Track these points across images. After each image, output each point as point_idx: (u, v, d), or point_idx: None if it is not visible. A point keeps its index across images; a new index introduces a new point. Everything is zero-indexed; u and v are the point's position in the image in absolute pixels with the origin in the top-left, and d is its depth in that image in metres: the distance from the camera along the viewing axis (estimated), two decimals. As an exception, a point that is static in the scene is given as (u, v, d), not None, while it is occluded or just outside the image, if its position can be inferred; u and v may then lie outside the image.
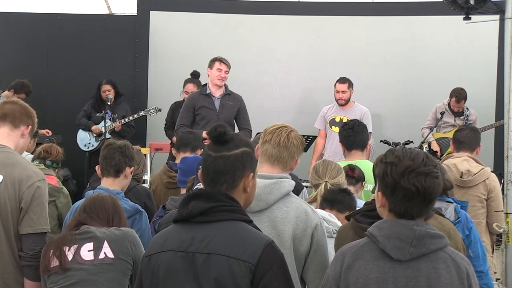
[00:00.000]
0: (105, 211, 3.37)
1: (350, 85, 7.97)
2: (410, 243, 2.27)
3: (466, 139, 5.35)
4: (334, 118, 7.96)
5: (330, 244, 3.53)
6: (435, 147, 8.41)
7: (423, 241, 2.28)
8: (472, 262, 4.00)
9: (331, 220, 3.62)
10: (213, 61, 6.98)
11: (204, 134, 6.59)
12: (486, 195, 5.22)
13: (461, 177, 5.22)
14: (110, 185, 3.82)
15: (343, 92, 7.93)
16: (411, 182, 2.30)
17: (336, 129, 7.84)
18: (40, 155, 5.41)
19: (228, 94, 6.99)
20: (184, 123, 6.91)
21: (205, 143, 5.68)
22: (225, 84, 7.03)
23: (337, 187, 3.88)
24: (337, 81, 8.02)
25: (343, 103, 7.93)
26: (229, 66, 6.98)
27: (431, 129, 8.52)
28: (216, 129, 2.38)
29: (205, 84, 7.05)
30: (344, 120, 7.76)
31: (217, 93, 6.95)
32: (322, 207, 3.77)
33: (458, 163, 5.28)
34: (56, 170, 5.51)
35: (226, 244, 2.24)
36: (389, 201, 2.35)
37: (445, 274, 2.27)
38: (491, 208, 5.22)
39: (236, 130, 7.01)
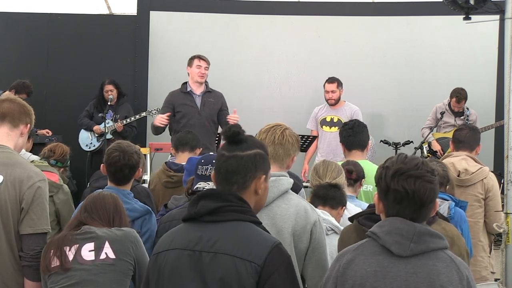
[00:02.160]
0: (105, 211, 3.36)
1: (339, 84, 7.97)
2: (410, 239, 2.28)
3: (466, 138, 5.34)
4: (325, 118, 7.96)
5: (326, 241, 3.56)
6: (436, 146, 8.41)
7: (423, 238, 2.30)
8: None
9: (325, 218, 3.62)
10: (191, 59, 6.96)
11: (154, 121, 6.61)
12: (484, 194, 5.20)
13: (458, 176, 5.20)
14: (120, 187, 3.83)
15: (332, 91, 7.93)
16: (400, 184, 2.32)
17: (327, 129, 7.85)
18: (45, 154, 5.41)
19: (209, 92, 6.98)
20: None
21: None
22: (205, 82, 7.01)
23: (326, 183, 3.86)
24: (326, 81, 8.03)
25: (333, 102, 7.94)
26: (208, 63, 6.95)
27: (431, 129, 8.52)
28: (231, 129, 2.38)
29: (185, 83, 7.03)
30: (335, 120, 7.79)
31: (198, 90, 6.94)
32: (314, 204, 3.75)
33: (456, 162, 5.27)
34: (61, 170, 5.47)
35: (232, 244, 2.24)
36: (384, 204, 2.38)
37: (445, 272, 2.28)
38: (489, 208, 5.20)
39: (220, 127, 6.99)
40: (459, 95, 8.25)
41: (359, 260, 2.33)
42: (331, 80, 7.99)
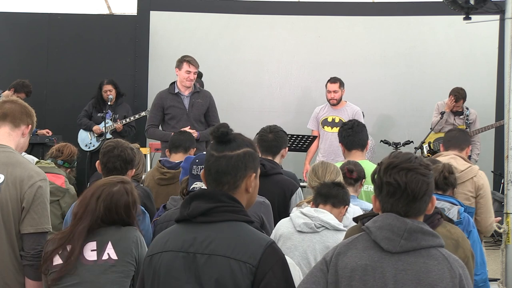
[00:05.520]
0: (115, 207, 3.33)
1: (341, 84, 7.96)
2: (401, 235, 2.29)
3: (454, 138, 5.32)
4: (327, 118, 7.96)
5: (314, 239, 3.58)
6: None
7: (414, 235, 2.30)
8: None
9: (314, 216, 3.63)
10: (181, 61, 6.91)
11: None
12: (474, 192, 5.17)
13: None
14: None
15: (334, 91, 7.92)
16: (392, 177, 2.33)
17: (328, 129, 7.85)
18: (53, 154, 5.43)
19: (197, 92, 6.98)
20: (154, 123, 6.90)
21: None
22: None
23: (330, 182, 3.85)
24: (328, 81, 8.02)
25: (335, 102, 7.93)
26: (197, 67, 6.94)
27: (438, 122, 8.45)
28: (219, 129, 2.35)
29: (173, 83, 7.03)
30: (336, 120, 7.78)
31: (186, 91, 6.93)
32: (316, 202, 3.77)
33: (445, 161, 5.27)
34: (68, 170, 5.49)
35: (227, 245, 2.24)
36: (379, 200, 2.39)
37: (436, 270, 2.27)
38: (480, 205, 5.15)
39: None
40: (457, 94, 8.24)
41: (351, 253, 2.34)
42: (333, 80, 7.98)
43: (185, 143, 5.28)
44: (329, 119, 7.92)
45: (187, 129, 6.47)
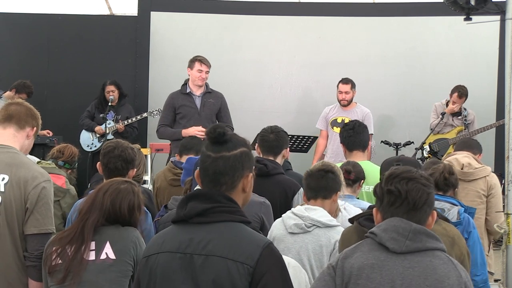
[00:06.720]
0: (112, 207, 3.33)
1: (353, 85, 7.97)
2: (406, 236, 2.33)
3: (467, 143, 5.47)
4: (336, 119, 7.96)
5: (307, 239, 3.57)
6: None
7: (419, 236, 2.34)
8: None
9: (305, 215, 3.61)
10: (193, 61, 6.96)
11: (183, 133, 6.63)
12: (486, 191, 5.22)
13: (462, 169, 5.25)
14: None
15: (346, 92, 7.93)
16: (394, 185, 2.39)
17: (337, 130, 7.84)
18: (54, 155, 5.45)
19: (209, 92, 7.01)
20: (165, 123, 6.93)
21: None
22: (205, 82, 7.04)
23: (316, 169, 3.74)
24: (340, 81, 8.02)
25: (346, 103, 7.93)
26: (209, 66, 6.97)
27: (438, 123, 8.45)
28: (216, 130, 2.33)
29: (185, 84, 7.05)
30: (346, 121, 7.77)
31: (198, 91, 6.97)
32: (307, 196, 3.73)
33: (460, 158, 5.35)
34: (69, 171, 5.50)
35: (224, 245, 2.23)
36: (380, 212, 2.44)
37: (442, 268, 2.32)
38: (491, 205, 5.21)
39: None
40: (462, 90, 8.22)
41: (357, 255, 2.38)
42: (345, 81, 7.98)
43: (197, 146, 5.25)
44: (339, 120, 7.92)
45: (199, 127, 6.47)
